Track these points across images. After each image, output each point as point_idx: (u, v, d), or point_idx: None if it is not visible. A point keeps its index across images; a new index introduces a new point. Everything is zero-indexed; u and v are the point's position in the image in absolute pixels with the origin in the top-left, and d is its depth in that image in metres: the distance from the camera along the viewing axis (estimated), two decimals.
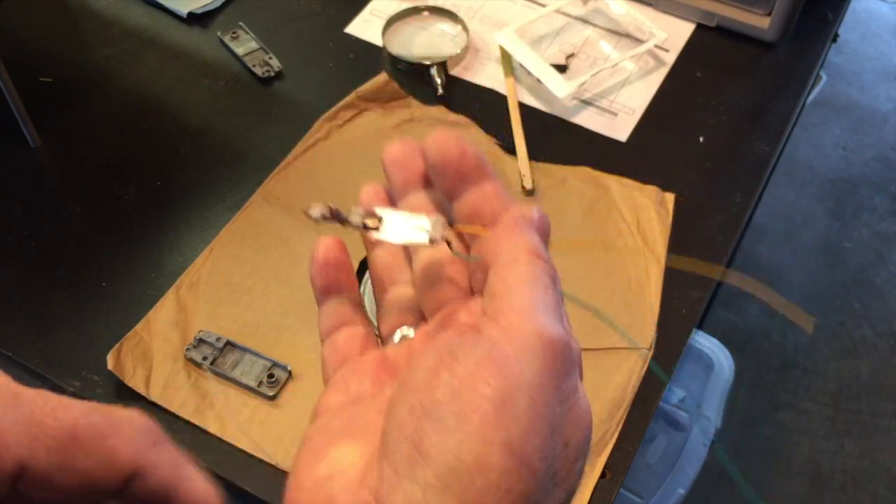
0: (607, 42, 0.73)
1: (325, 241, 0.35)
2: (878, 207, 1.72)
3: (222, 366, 0.54)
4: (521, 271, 0.29)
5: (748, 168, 0.65)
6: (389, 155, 0.36)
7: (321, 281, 0.36)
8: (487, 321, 0.28)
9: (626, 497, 0.78)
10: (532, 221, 0.31)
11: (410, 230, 0.33)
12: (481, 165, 0.33)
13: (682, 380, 0.85)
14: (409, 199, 0.35)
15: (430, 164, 0.33)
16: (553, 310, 0.28)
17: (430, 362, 0.27)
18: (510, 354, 0.26)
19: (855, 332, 1.55)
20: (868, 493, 1.37)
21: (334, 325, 0.36)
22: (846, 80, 1.92)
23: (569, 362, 0.27)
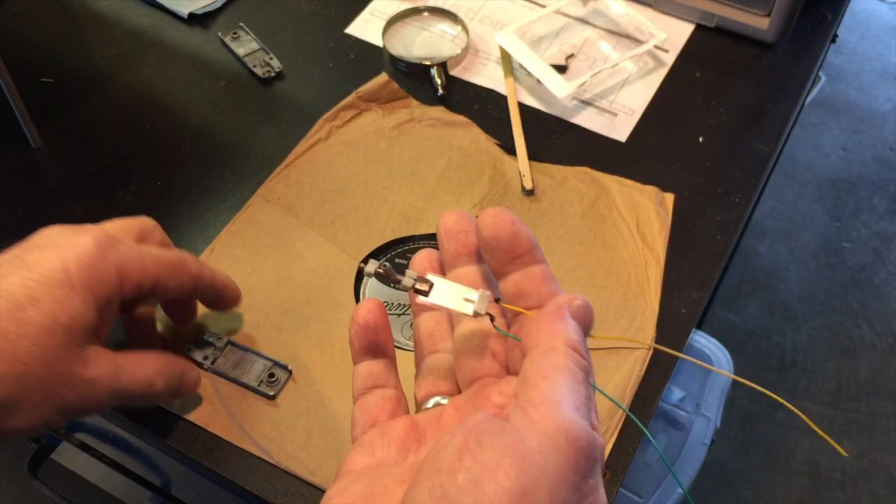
0: (607, 42, 0.73)
1: (366, 305, 0.37)
2: (877, 207, 1.72)
3: (223, 366, 0.54)
4: (557, 362, 0.30)
5: (747, 168, 0.66)
6: (445, 224, 0.37)
7: (360, 343, 0.37)
8: (517, 410, 0.28)
9: (626, 496, 0.79)
10: (577, 310, 0.32)
11: (457, 300, 0.34)
12: (532, 248, 0.34)
13: (681, 380, 0.85)
14: (459, 270, 0.37)
15: (482, 239, 0.34)
16: (583, 406, 0.29)
17: (456, 443, 0.27)
18: (534, 448, 0.26)
19: (854, 331, 1.55)
20: (867, 493, 1.37)
21: (368, 386, 0.37)
22: (845, 81, 1.92)
23: (591, 461, 0.28)
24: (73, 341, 0.40)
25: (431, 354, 0.38)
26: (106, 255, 0.42)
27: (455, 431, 0.28)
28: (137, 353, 0.46)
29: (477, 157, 0.65)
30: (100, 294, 0.42)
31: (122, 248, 0.43)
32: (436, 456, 0.27)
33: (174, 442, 0.52)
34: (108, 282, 0.42)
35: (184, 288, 0.47)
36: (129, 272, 0.43)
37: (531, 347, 0.31)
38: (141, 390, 0.45)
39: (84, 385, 0.41)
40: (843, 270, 1.63)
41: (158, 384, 0.46)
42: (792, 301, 1.58)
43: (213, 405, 0.53)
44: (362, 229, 0.61)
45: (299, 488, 0.50)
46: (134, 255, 0.44)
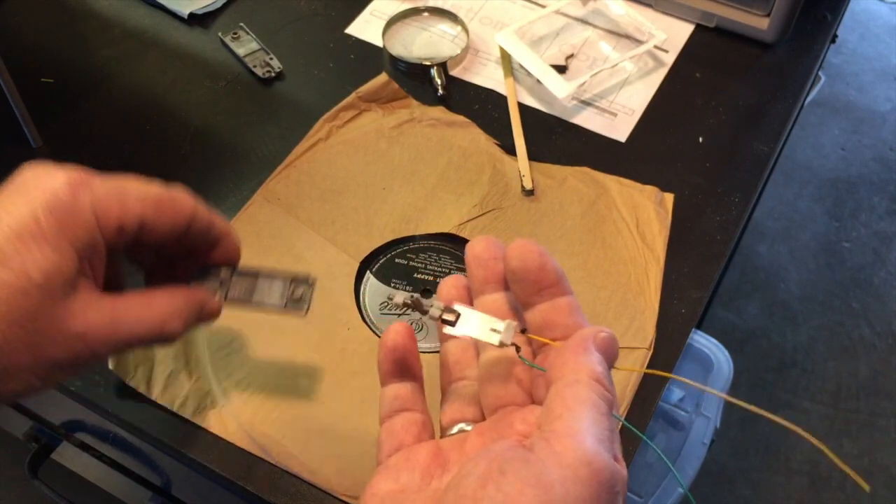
0: (607, 43, 0.74)
1: (395, 328, 0.37)
2: (876, 207, 1.72)
3: (237, 296, 0.48)
4: (581, 395, 0.30)
5: (747, 168, 0.66)
6: (474, 251, 0.37)
7: (388, 366, 0.37)
8: (540, 440, 0.29)
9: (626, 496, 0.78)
10: (602, 342, 0.33)
11: (484, 330, 0.35)
12: (558, 280, 0.35)
13: None
14: (487, 297, 0.37)
15: (510, 270, 0.35)
16: (606, 438, 0.29)
17: (480, 471, 0.28)
18: (556, 479, 0.27)
19: (853, 331, 1.55)
20: (866, 493, 1.37)
21: (395, 409, 0.37)
22: (845, 81, 1.92)
23: (613, 493, 0.28)
24: (52, 297, 0.37)
25: (458, 381, 0.38)
26: (79, 197, 0.38)
27: (479, 459, 0.29)
28: (142, 294, 0.42)
29: (477, 157, 0.65)
30: (76, 241, 0.38)
31: (97, 187, 0.39)
32: (460, 482, 0.28)
33: (174, 442, 0.52)
34: (85, 226, 0.38)
35: (176, 228, 0.42)
36: (107, 213, 0.39)
37: (556, 379, 0.31)
38: (150, 334, 0.41)
39: (75, 340, 0.38)
40: (843, 270, 1.63)
41: (173, 324, 0.42)
42: (792, 301, 1.58)
43: (213, 405, 0.53)
44: (362, 229, 0.61)
45: (299, 488, 0.50)
46: (113, 193, 0.39)
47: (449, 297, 0.38)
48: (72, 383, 0.54)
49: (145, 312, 0.41)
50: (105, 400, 0.54)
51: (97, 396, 0.54)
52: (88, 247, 0.38)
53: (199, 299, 0.44)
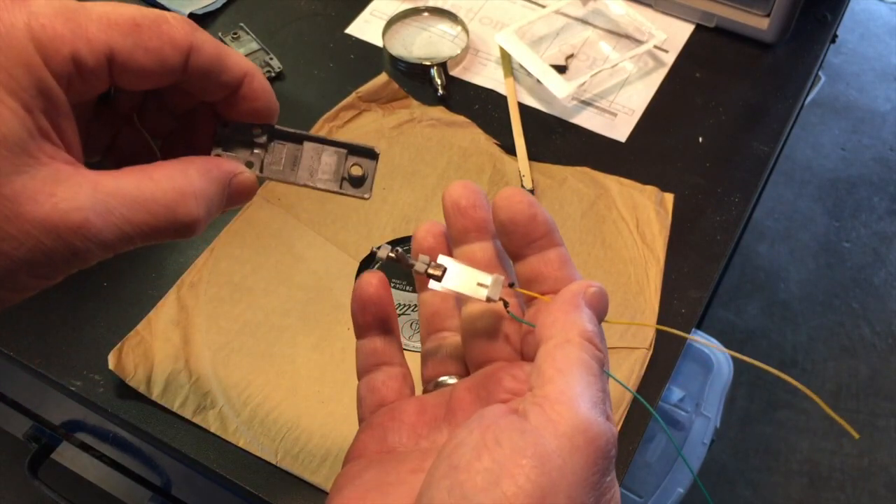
0: (607, 43, 0.74)
1: (367, 279, 0.35)
2: (876, 207, 1.72)
3: (276, 168, 0.36)
4: (572, 355, 0.29)
5: (747, 168, 0.66)
6: (451, 197, 0.35)
7: (362, 318, 0.36)
8: (534, 407, 0.28)
9: (626, 496, 0.78)
10: (592, 297, 0.31)
11: (470, 284, 0.33)
12: (549, 231, 0.33)
13: (681, 379, 0.85)
14: (468, 247, 0.35)
15: (499, 222, 0.33)
16: (599, 401, 0.29)
17: (473, 440, 0.27)
18: (553, 449, 0.26)
19: (853, 331, 1.55)
20: (866, 493, 1.37)
21: (372, 363, 0.36)
22: (845, 81, 1.92)
23: (609, 458, 0.28)
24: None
25: (438, 332, 0.37)
26: (9, 22, 0.26)
27: (472, 426, 0.28)
28: (143, 166, 0.30)
29: (477, 157, 0.65)
30: (16, 84, 0.26)
31: (37, 6, 0.27)
32: (453, 452, 0.27)
33: (174, 442, 0.52)
34: (23, 61, 0.26)
35: (166, 65, 0.30)
36: (53, 40, 0.27)
37: (546, 338, 0.30)
38: (157, 221, 0.29)
39: (37, 230, 0.26)
40: (843, 270, 1.63)
41: (188, 205, 0.30)
42: (792, 301, 1.59)
43: (213, 405, 0.53)
44: (362, 229, 0.61)
45: (299, 488, 0.50)
46: (61, 12, 0.27)
47: (426, 245, 0.35)
48: (72, 383, 0.54)
49: (146, 189, 0.29)
50: (105, 400, 0.54)
51: (97, 396, 0.54)
52: (37, 93, 0.27)
53: (224, 171, 0.32)
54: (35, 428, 0.80)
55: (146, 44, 0.29)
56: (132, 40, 0.29)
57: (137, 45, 0.29)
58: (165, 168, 0.30)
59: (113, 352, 0.54)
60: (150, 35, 0.29)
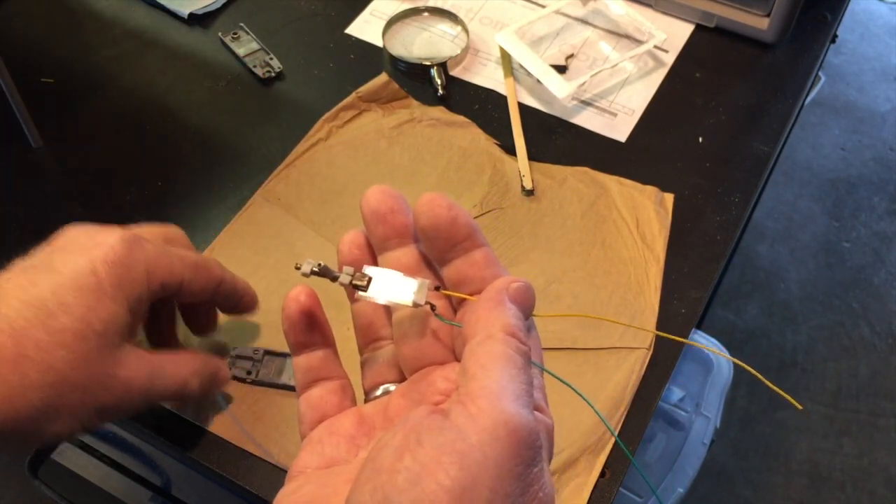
0: (607, 43, 0.74)
1: (293, 296, 0.35)
2: (876, 207, 1.72)
3: (267, 376, 0.54)
4: (494, 350, 0.29)
5: (747, 168, 0.66)
6: (369, 205, 0.35)
7: (293, 336, 0.36)
8: (456, 404, 0.28)
9: (626, 496, 0.78)
10: (515, 293, 0.31)
11: (397, 291, 0.33)
12: (472, 232, 0.33)
13: (681, 379, 0.85)
14: (391, 254, 0.35)
15: (420, 228, 0.33)
16: (523, 394, 0.28)
17: (396, 442, 0.27)
18: (474, 444, 0.26)
19: (853, 331, 1.55)
20: (866, 493, 1.37)
21: (309, 380, 0.36)
22: (845, 81, 1.92)
23: (534, 450, 0.27)
24: (108, 345, 0.41)
25: (374, 342, 0.37)
26: (134, 254, 0.42)
27: (396, 430, 0.28)
28: (172, 353, 0.47)
29: (477, 157, 0.65)
30: (130, 294, 0.42)
31: (148, 247, 0.43)
32: (377, 455, 0.27)
33: (174, 442, 0.52)
34: (138, 280, 0.42)
35: (207, 290, 0.47)
36: (156, 270, 0.43)
37: (470, 336, 0.30)
38: (176, 390, 0.45)
39: (120, 387, 0.41)
40: (843, 270, 1.63)
41: (193, 384, 0.46)
42: (792, 301, 1.58)
43: (213, 405, 0.53)
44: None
45: None
46: (161, 254, 0.44)
47: (351, 257, 0.36)
48: None
49: (175, 370, 0.45)
50: None
51: None
52: (138, 301, 0.42)
53: (215, 366, 0.49)
54: None
55: (201, 277, 0.46)
56: (194, 274, 0.46)
57: (197, 278, 0.46)
58: (185, 356, 0.47)
59: None
60: (204, 272, 0.47)
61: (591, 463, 0.51)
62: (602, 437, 0.52)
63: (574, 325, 0.57)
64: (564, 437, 0.52)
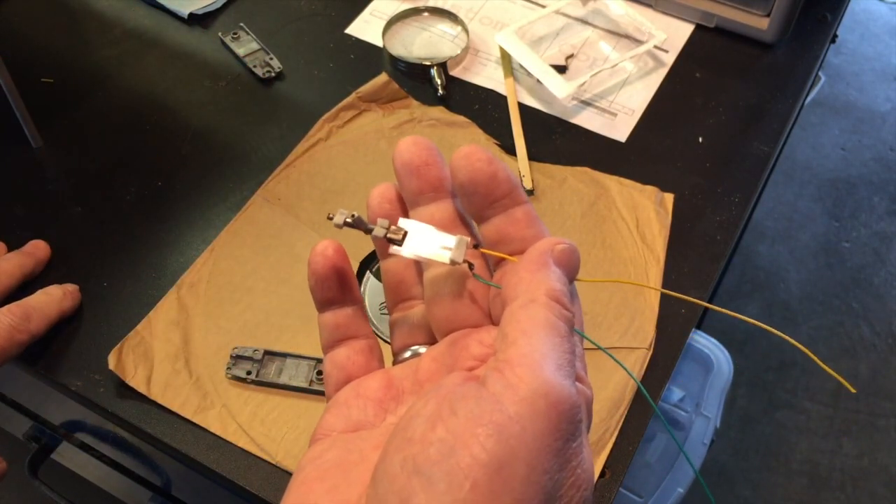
0: (607, 43, 0.74)
1: (321, 250, 0.33)
2: (876, 207, 1.72)
3: (267, 376, 0.54)
4: (537, 316, 0.27)
5: (747, 168, 0.66)
6: (402, 157, 0.32)
7: (322, 294, 0.33)
8: (494, 372, 0.26)
9: (626, 496, 0.78)
10: (561, 255, 0.30)
11: (433, 247, 0.31)
12: (513, 188, 0.31)
13: (681, 379, 0.85)
14: (425, 209, 0.32)
15: (458, 184, 0.31)
16: (566, 363, 0.27)
17: (429, 410, 0.26)
18: (512, 415, 0.24)
19: (853, 331, 1.55)
20: (866, 493, 1.37)
21: (336, 338, 0.34)
22: (845, 81, 1.92)
23: (574, 423, 0.26)
24: None
25: (405, 301, 0.35)
26: None
27: (428, 396, 0.26)
28: None
29: None
30: None
31: None
32: (408, 424, 0.26)
33: (174, 442, 0.52)
34: None
35: None
36: None
37: (511, 299, 0.28)
38: None
39: None
40: (843, 270, 1.63)
41: None
42: (792, 301, 1.58)
43: (213, 405, 0.53)
44: None
45: None
46: None
47: (381, 211, 0.33)
48: (72, 383, 0.54)
49: None
50: (105, 400, 0.54)
51: (97, 396, 0.54)
52: None
53: None
54: (35, 428, 0.80)
55: None
56: None
57: None
58: None
59: (113, 352, 0.54)
60: None
61: None
62: (602, 437, 0.52)
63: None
64: None
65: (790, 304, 1.58)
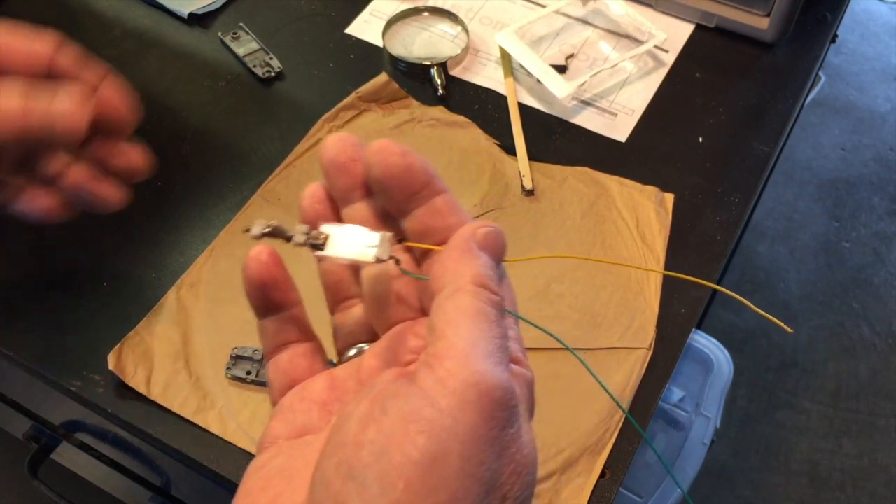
0: (607, 43, 0.74)
1: (256, 254, 0.33)
2: (876, 207, 1.72)
3: (266, 376, 0.53)
4: (463, 304, 0.27)
5: (747, 168, 0.66)
6: (328, 155, 0.32)
7: (257, 300, 0.33)
8: (423, 367, 0.26)
9: (626, 496, 0.78)
10: (485, 238, 0.29)
11: (357, 247, 0.31)
12: (430, 179, 0.30)
13: (681, 379, 0.85)
14: (355, 207, 0.32)
15: (373, 180, 0.31)
16: (496, 350, 0.26)
17: (360, 412, 0.25)
18: (443, 409, 0.24)
19: (853, 331, 1.55)
20: (866, 493, 1.37)
21: (277, 344, 0.33)
22: (845, 81, 1.92)
23: (508, 410, 0.25)
24: None
25: (345, 301, 0.35)
26: None
27: (360, 398, 0.26)
28: None
29: (477, 157, 0.65)
30: None
31: None
32: (341, 426, 0.25)
33: (174, 442, 0.52)
34: None
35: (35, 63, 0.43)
36: None
37: (437, 290, 0.28)
38: None
39: None
40: (843, 270, 1.63)
41: None
42: (792, 301, 1.58)
43: (213, 405, 0.53)
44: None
45: None
46: None
47: (313, 212, 0.33)
48: (71, 383, 0.54)
49: None
50: (105, 400, 0.54)
51: (97, 396, 0.54)
52: None
53: None
54: (35, 428, 0.80)
55: None
56: None
57: None
58: None
59: (113, 352, 0.54)
60: None
61: (591, 463, 0.51)
62: (602, 437, 0.52)
63: (574, 326, 0.57)
64: (564, 437, 0.52)
65: (790, 304, 1.58)
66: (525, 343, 0.31)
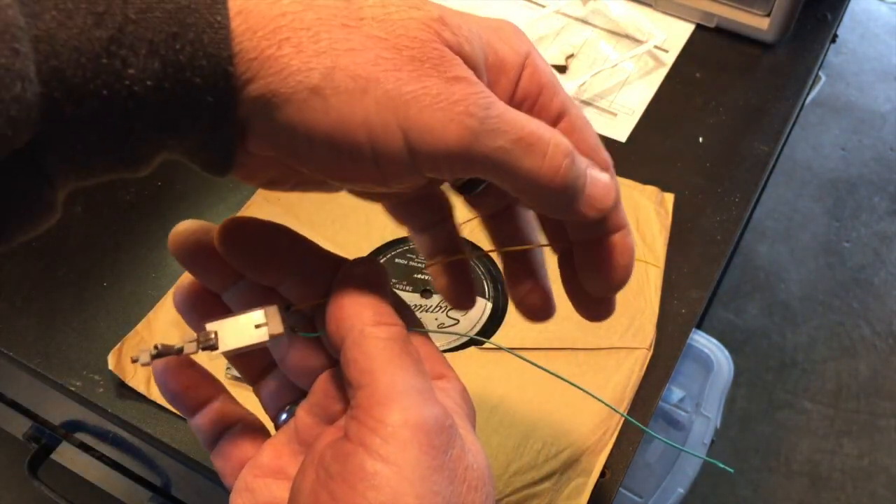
0: (607, 43, 0.74)
1: (160, 374, 0.32)
2: (876, 207, 1.72)
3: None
4: (368, 349, 0.27)
5: (747, 168, 0.66)
6: (182, 248, 0.32)
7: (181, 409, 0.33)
8: (351, 422, 0.26)
9: (626, 496, 0.78)
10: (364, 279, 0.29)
11: (248, 332, 0.30)
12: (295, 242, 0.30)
13: (681, 380, 0.85)
14: (231, 290, 0.32)
15: (232, 262, 0.31)
16: (413, 379, 0.26)
17: (308, 482, 0.26)
18: (384, 456, 0.25)
19: (854, 331, 1.55)
20: (867, 493, 1.37)
21: (215, 436, 0.33)
22: (845, 81, 1.92)
23: (445, 433, 0.26)
24: None
25: (260, 373, 0.34)
26: None
27: (304, 466, 0.27)
28: None
29: None
30: None
31: None
32: (296, 499, 0.26)
33: (174, 442, 0.52)
34: None
35: None
36: None
37: (338, 343, 0.28)
38: None
39: None
40: (843, 270, 1.63)
41: None
42: (792, 301, 1.58)
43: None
44: (362, 229, 0.61)
45: None
46: None
47: (197, 315, 0.33)
48: (71, 383, 0.54)
49: None
50: (105, 400, 0.54)
51: (97, 396, 0.54)
52: None
53: None
54: (35, 428, 0.80)
55: None
56: None
57: None
58: None
59: (113, 352, 0.54)
60: None
61: (591, 463, 0.51)
62: (602, 437, 0.52)
63: (574, 326, 0.57)
64: (564, 438, 0.52)
65: (790, 304, 1.58)
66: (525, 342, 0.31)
